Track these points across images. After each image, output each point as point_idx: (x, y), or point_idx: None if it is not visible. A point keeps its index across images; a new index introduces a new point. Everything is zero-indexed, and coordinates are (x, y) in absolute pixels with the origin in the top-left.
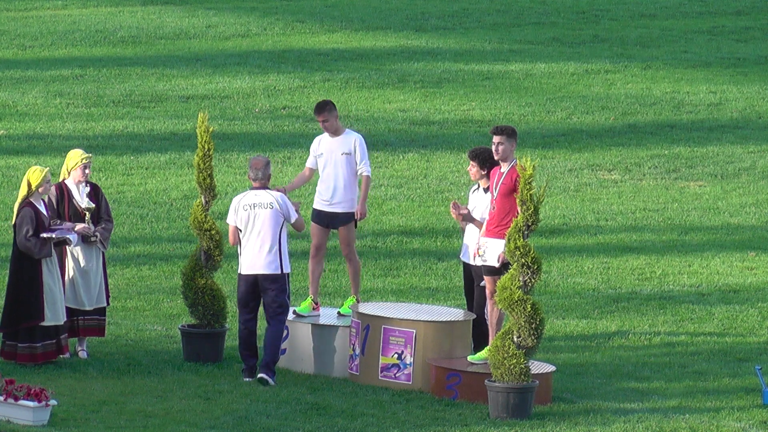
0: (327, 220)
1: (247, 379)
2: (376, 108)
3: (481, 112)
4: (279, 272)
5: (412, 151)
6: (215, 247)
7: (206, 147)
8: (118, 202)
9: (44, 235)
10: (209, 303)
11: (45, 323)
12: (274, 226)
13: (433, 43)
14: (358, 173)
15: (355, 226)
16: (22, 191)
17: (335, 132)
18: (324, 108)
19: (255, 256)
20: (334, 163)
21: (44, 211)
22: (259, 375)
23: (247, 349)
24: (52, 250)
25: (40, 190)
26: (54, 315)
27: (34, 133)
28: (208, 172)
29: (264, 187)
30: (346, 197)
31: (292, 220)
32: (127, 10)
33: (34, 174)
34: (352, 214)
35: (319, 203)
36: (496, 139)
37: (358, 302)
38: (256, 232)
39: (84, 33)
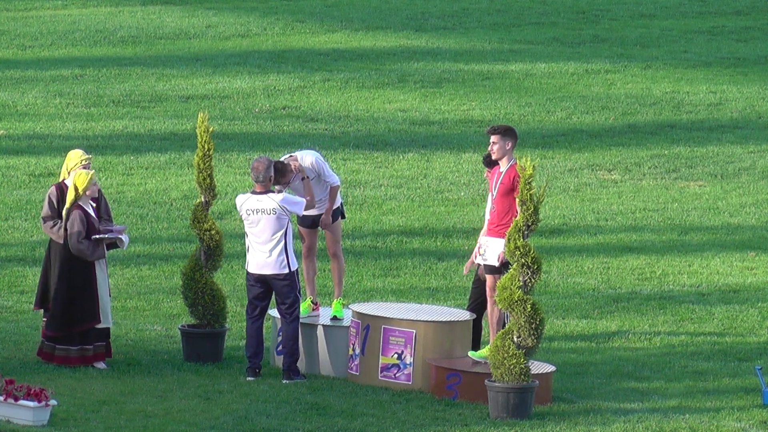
0: (314, 222)
1: (250, 378)
2: (376, 108)
3: (481, 112)
4: (287, 271)
5: (412, 151)
6: (215, 247)
7: (206, 147)
8: (118, 202)
9: (96, 236)
10: (209, 303)
11: (99, 326)
12: (278, 230)
13: (433, 43)
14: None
15: (343, 217)
16: (70, 196)
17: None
18: (277, 172)
19: (262, 258)
20: (305, 188)
21: (93, 214)
22: (284, 381)
23: (252, 349)
24: (105, 251)
25: (87, 193)
26: (105, 317)
27: (34, 133)
28: (208, 172)
29: (266, 190)
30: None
31: (302, 213)
32: (127, 10)
33: (80, 178)
34: (337, 210)
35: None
36: (491, 139)
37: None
38: (261, 236)
39: (84, 33)
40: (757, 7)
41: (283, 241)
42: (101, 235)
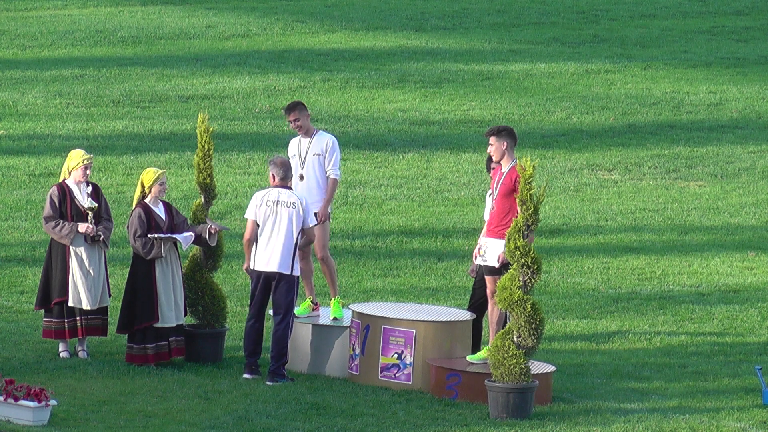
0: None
1: (247, 376)
2: (376, 108)
3: (481, 112)
4: (289, 273)
5: (412, 151)
6: (215, 247)
7: (206, 147)
8: (118, 202)
9: (150, 235)
10: (209, 303)
11: (158, 325)
12: (293, 227)
13: (433, 43)
14: (327, 175)
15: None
16: (136, 193)
17: (306, 132)
18: (295, 108)
19: (271, 253)
20: (306, 165)
21: (161, 213)
22: (267, 383)
23: (250, 347)
24: (161, 251)
25: (153, 190)
26: (166, 317)
27: (34, 133)
28: (208, 172)
29: (288, 186)
30: (319, 198)
31: (310, 225)
32: (127, 10)
33: (147, 175)
34: (326, 214)
35: None
36: (489, 141)
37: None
38: (275, 229)
39: (84, 33)
40: (757, 7)
41: (293, 241)
42: (153, 234)
